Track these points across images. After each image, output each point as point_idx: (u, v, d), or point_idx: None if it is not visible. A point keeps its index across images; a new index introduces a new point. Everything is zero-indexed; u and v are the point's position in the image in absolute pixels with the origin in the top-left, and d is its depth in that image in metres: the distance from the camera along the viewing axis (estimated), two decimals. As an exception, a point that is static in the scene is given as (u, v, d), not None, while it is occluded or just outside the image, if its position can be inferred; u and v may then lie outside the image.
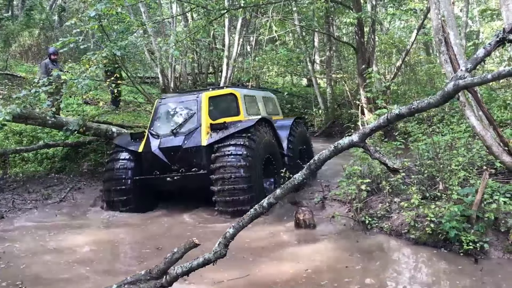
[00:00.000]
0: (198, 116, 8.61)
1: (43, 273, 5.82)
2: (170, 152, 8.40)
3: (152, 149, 8.48)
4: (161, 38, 15.06)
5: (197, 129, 8.45)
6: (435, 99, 2.11)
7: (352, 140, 2.59)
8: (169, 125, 8.75)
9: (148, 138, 8.68)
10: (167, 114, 8.97)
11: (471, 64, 2.09)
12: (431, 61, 18.94)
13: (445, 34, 8.18)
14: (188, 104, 8.87)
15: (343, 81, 18.71)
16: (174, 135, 8.50)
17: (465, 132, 9.44)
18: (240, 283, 5.32)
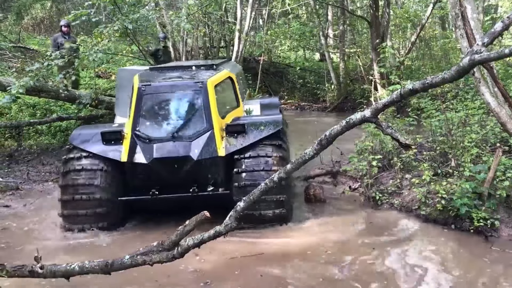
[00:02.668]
0: (206, 114, 6.39)
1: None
2: (173, 164, 6.14)
3: (144, 160, 6.12)
4: (172, 11, 14.95)
5: (208, 133, 6.28)
6: (450, 74, 2.07)
7: (365, 115, 2.58)
8: (164, 124, 6.37)
9: (133, 142, 6.20)
10: (156, 107, 6.46)
11: (488, 38, 2.04)
12: (447, 36, 18.56)
13: (462, 8, 7.99)
14: (187, 94, 6.53)
15: (356, 56, 18.47)
16: (175, 140, 6.19)
17: (479, 108, 9.31)
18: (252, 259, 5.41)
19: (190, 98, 6.50)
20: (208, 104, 6.42)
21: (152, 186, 6.18)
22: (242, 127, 6.42)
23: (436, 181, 6.82)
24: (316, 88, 18.57)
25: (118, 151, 6.25)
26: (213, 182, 6.35)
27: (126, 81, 7.40)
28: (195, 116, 6.40)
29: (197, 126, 6.32)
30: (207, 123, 6.33)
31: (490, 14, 18.60)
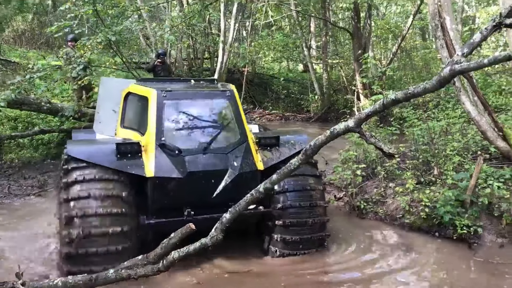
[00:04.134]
0: (239, 124, 5.77)
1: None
2: (210, 179, 5.38)
3: (178, 174, 5.25)
4: (156, 23, 14.95)
5: (244, 145, 5.63)
6: (431, 84, 2.11)
7: (348, 125, 2.60)
8: (192, 134, 5.65)
9: (159, 155, 5.32)
10: (180, 115, 5.69)
11: (467, 49, 2.09)
12: (427, 46, 18.89)
13: (441, 19, 8.17)
14: (214, 102, 5.94)
15: (339, 67, 18.68)
16: (208, 152, 5.45)
17: (460, 117, 9.48)
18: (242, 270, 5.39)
19: (219, 107, 5.90)
20: (239, 114, 5.86)
21: (181, 205, 5.33)
22: (276, 139, 5.93)
23: (420, 189, 6.90)
24: (300, 98, 18.70)
25: (140, 165, 5.28)
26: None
27: (111, 92, 6.81)
28: (227, 126, 5.77)
29: (231, 137, 5.69)
30: (241, 134, 5.72)
31: (468, 25, 19.03)
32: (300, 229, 5.65)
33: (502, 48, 16.76)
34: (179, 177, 5.21)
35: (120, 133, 6.26)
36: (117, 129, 6.43)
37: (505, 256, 5.64)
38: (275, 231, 5.67)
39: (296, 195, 5.70)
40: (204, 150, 5.42)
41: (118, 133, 6.35)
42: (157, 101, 5.55)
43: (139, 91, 6.09)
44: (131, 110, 6.28)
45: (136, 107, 6.16)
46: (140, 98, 6.03)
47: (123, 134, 6.11)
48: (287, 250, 5.68)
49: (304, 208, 5.67)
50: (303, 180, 5.81)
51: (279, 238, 5.64)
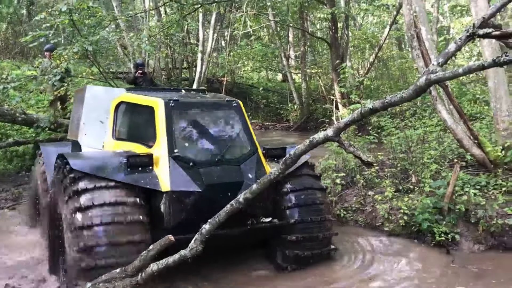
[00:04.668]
0: (248, 135, 5.61)
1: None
2: (226, 192, 5.05)
3: (196, 187, 4.95)
4: (133, 33, 14.86)
5: (255, 156, 5.45)
6: (408, 93, 2.13)
7: (327, 134, 2.61)
8: (203, 146, 5.44)
9: (174, 167, 4.99)
10: (189, 126, 5.50)
11: (442, 58, 2.12)
12: (404, 56, 19.22)
13: (417, 30, 8.32)
14: (221, 112, 5.76)
15: (317, 76, 18.84)
16: (221, 164, 5.21)
17: (436, 126, 9.64)
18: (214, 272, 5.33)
19: (226, 117, 5.72)
20: (247, 124, 5.72)
21: (197, 220, 4.87)
22: (282, 151, 5.77)
23: (398, 197, 6.97)
24: (279, 108, 18.79)
25: (154, 179, 4.93)
26: (262, 210, 5.48)
27: (98, 102, 6.41)
28: (237, 137, 5.59)
29: (242, 148, 5.50)
30: (251, 145, 5.53)
31: (443, 35, 19.45)
32: (311, 244, 5.56)
33: (476, 58, 17.17)
34: (197, 191, 4.90)
35: (112, 146, 5.82)
36: (107, 141, 6.02)
37: (482, 262, 5.71)
38: (287, 247, 5.52)
39: (307, 210, 5.58)
40: (217, 162, 5.17)
41: (109, 145, 5.90)
42: (165, 111, 5.23)
43: (139, 100, 5.79)
44: (126, 120, 6.02)
45: (134, 118, 5.92)
46: (140, 108, 5.73)
47: (119, 146, 5.67)
48: (299, 265, 5.56)
49: (315, 223, 5.57)
50: (312, 194, 5.72)
51: (291, 254, 5.50)
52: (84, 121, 6.38)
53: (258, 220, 5.38)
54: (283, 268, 5.58)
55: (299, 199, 5.59)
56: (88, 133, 6.34)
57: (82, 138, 6.33)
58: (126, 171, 4.88)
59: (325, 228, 5.67)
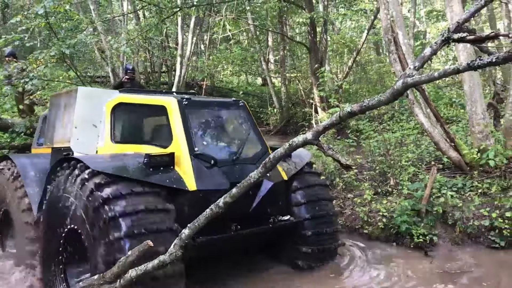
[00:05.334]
0: (257, 135, 5.62)
1: None
2: (248, 191, 4.67)
3: (221, 186, 4.82)
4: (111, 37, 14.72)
5: (266, 155, 5.25)
6: (385, 97, 2.15)
7: (306, 138, 2.61)
8: (219, 145, 5.40)
9: (197, 166, 4.85)
10: (203, 126, 5.42)
11: (418, 62, 2.15)
12: (381, 60, 19.47)
13: (394, 34, 8.45)
14: (230, 112, 5.76)
15: (297, 80, 18.94)
16: (238, 163, 5.17)
17: (414, 129, 9.78)
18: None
19: (236, 117, 5.75)
20: (255, 124, 5.75)
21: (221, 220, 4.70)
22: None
23: (377, 200, 7.03)
24: (259, 111, 18.80)
25: (178, 178, 4.74)
26: (277, 208, 5.50)
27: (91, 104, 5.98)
28: (248, 136, 5.56)
29: (254, 148, 5.51)
30: (262, 144, 5.57)
31: (419, 40, 19.76)
32: (325, 239, 5.64)
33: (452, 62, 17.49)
34: (224, 189, 4.65)
35: (111, 150, 5.53)
36: (103, 146, 5.70)
37: (458, 263, 5.79)
38: (303, 243, 5.54)
39: (318, 206, 5.67)
40: (234, 161, 5.13)
41: (106, 150, 5.59)
42: (179, 110, 5.11)
43: (146, 101, 5.61)
44: (128, 122, 5.79)
45: (139, 119, 5.75)
46: (147, 108, 5.57)
47: (121, 150, 5.41)
48: (315, 262, 5.61)
49: (326, 218, 5.68)
50: (319, 190, 5.85)
51: (307, 250, 5.53)
52: (76, 125, 5.89)
53: (277, 219, 5.39)
54: (299, 266, 5.59)
55: (309, 196, 5.66)
56: (81, 138, 5.86)
57: (75, 143, 5.81)
58: (149, 171, 4.63)
59: (335, 223, 5.82)
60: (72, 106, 6.00)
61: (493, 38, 2.06)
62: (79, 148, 5.82)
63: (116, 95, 5.96)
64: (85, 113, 5.94)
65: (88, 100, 6.03)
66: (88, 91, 6.29)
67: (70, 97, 6.09)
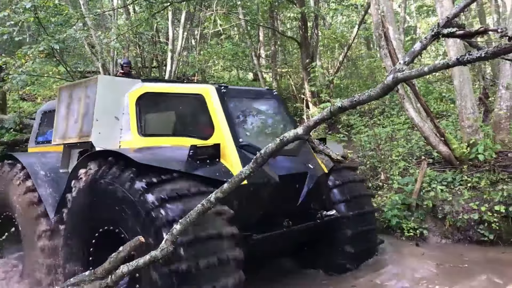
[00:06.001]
0: (292, 125, 5.24)
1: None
2: (295, 183, 4.86)
3: (272, 179, 4.55)
4: (101, 31, 14.61)
5: (306, 147, 5.09)
6: (375, 92, 2.16)
7: (297, 132, 2.62)
8: (259, 135, 5.05)
9: (244, 158, 4.48)
10: (243, 116, 5.03)
11: (408, 57, 2.16)
12: (372, 55, 19.50)
13: (384, 29, 8.47)
14: (267, 102, 5.40)
15: (288, 75, 18.93)
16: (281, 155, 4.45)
17: (404, 123, 9.83)
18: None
19: (271, 106, 5.40)
20: (290, 115, 5.45)
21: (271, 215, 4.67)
22: (324, 141, 5.32)
23: (368, 194, 7.07)
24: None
25: (226, 171, 4.38)
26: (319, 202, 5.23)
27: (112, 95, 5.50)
28: (285, 126, 5.24)
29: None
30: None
31: (410, 35, 19.83)
32: (367, 238, 5.43)
33: (442, 57, 17.58)
34: (275, 182, 4.49)
35: (139, 143, 5.12)
36: (128, 139, 5.32)
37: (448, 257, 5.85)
38: (345, 242, 5.25)
39: (359, 202, 5.43)
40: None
41: (133, 143, 5.20)
42: (219, 98, 4.77)
43: (179, 89, 5.25)
44: (158, 113, 5.46)
45: (170, 110, 5.37)
46: (180, 98, 5.18)
47: (151, 143, 5.02)
48: (356, 262, 5.37)
49: (367, 215, 5.46)
50: (359, 186, 5.61)
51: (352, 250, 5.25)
52: (97, 118, 5.35)
53: (323, 214, 5.13)
54: (340, 267, 5.29)
55: (349, 192, 5.38)
56: (103, 131, 5.35)
57: (97, 138, 5.30)
58: (196, 164, 4.26)
59: (375, 220, 5.60)
60: (90, 97, 5.49)
61: (482, 33, 2.08)
62: (102, 143, 5.30)
63: (140, 84, 5.56)
64: (106, 104, 5.43)
65: (109, 90, 5.53)
66: (109, 80, 5.81)
67: (88, 88, 5.57)
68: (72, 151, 5.60)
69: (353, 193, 5.40)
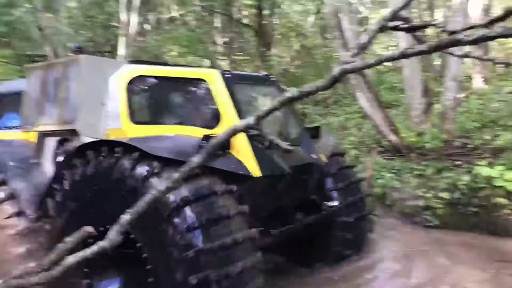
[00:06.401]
0: (293, 114, 5.18)
1: None
2: (303, 174, 4.71)
3: (284, 170, 4.33)
4: (51, 14, 14.04)
5: (305, 137, 5.00)
6: (323, 83, 2.20)
7: (248, 122, 2.61)
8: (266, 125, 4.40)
9: (255, 149, 4.16)
10: (247, 103, 4.79)
11: (356, 49, 2.20)
12: (327, 45, 19.75)
13: (338, 20, 8.59)
14: (267, 89, 5.14)
15: (244, 63, 18.91)
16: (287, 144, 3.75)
17: (356, 113, 10.05)
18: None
19: (270, 93, 5.09)
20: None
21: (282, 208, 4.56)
22: (317, 130, 5.32)
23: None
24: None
25: (239, 163, 4.04)
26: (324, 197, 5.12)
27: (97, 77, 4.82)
28: (287, 115, 5.00)
29: (294, 128, 5.02)
30: (300, 124, 5.16)
31: (365, 26, 20.18)
32: (363, 223, 5.39)
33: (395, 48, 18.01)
34: (287, 173, 4.27)
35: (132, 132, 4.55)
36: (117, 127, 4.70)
37: (398, 242, 6.06)
38: (344, 230, 5.15)
39: (354, 189, 5.36)
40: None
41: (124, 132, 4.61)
42: (225, 84, 4.38)
43: (177, 73, 4.76)
44: (153, 99, 4.96)
45: (167, 95, 4.93)
46: (178, 82, 4.71)
47: (146, 132, 4.48)
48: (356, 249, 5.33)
49: (361, 201, 5.40)
50: (351, 172, 5.55)
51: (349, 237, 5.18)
52: (82, 103, 4.75)
53: (327, 206, 5.04)
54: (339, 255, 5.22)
55: (343, 179, 5.30)
56: (89, 118, 4.77)
57: (83, 125, 4.71)
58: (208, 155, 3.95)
59: (367, 206, 5.52)
60: (72, 79, 4.84)
61: (424, 27, 2.16)
62: (88, 131, 4.74)
63: (130, 66, 4.93)
64: (92, 88, 4.79)
65: (94, 72, 4.86)
66: (94, 61, 5.08)
67: (68, 69, 4.87)
68: (46, 139, 4.99)
69: (346, 180, 5.34)
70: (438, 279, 4.86)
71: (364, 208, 5.43)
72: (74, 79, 4.79)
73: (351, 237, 5.20)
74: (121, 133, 4.60)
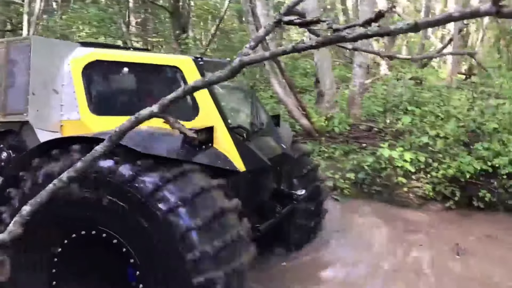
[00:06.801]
0: (258, 102, 5.01)
1: None
2: (277, 165, 4.65)
3: (265, 163, 4.21)
4: None
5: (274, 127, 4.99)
6: (224, 73, 2.26)
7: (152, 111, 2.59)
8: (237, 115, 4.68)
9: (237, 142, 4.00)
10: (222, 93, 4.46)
11: (254, 42, 2.27)
12: (244, 29, 19.85)
13: (251, 5, 8.66)
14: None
15: (159, 46, 18.49)
16: (260, 136, 4.52)
17: (271, 98, 10.26)
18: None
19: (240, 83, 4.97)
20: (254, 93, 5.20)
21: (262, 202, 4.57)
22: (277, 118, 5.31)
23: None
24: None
25: (224, 157, 3.82)
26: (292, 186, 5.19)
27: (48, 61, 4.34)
28: (255, 104, 4.77)
29: (263, 117, 4.79)
30: (267, 113, 5.04)
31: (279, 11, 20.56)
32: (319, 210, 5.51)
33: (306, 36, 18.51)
34: (268, 166, 4.18)
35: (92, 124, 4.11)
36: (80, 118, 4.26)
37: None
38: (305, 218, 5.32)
39: (311, 175, 5.38)
40: (257, 132, 4.40)
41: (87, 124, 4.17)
42: (200, 72, 4.03)
43: (143, 59, 4.42)
44: (116, 88, 4.59)
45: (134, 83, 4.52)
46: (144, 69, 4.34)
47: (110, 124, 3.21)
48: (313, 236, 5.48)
49: (319, 187, 5.48)
50: (307, 159, 5.58)
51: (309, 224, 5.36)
52: (34, 91, 4.21)
53: (297, 195, 5.03)
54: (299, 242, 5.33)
55: (302, 166, 5.35)
56: (41, 108, 4.28)
57: (35, 116, 4.23)
58: (193, 151, 3.60)
59: (324, 194, 5.65)
60: (19, 63, 4.31)
61: (316, 23, 2.26)
62: (40, 123, 4.27)
63: (86, 50, 4.44)
64: (44, 73, 4.31)
65: (46, 55, 4.34)
66: (45, 42, 4.52)
67: (13, 51, 4.33)
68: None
69: (307, 167, 5.42)
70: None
71: (322, 194, 5.59)
72: (23, 62, 4.27)
73: (312, 224, 5.38)
74: (81, 125, 4.21)
